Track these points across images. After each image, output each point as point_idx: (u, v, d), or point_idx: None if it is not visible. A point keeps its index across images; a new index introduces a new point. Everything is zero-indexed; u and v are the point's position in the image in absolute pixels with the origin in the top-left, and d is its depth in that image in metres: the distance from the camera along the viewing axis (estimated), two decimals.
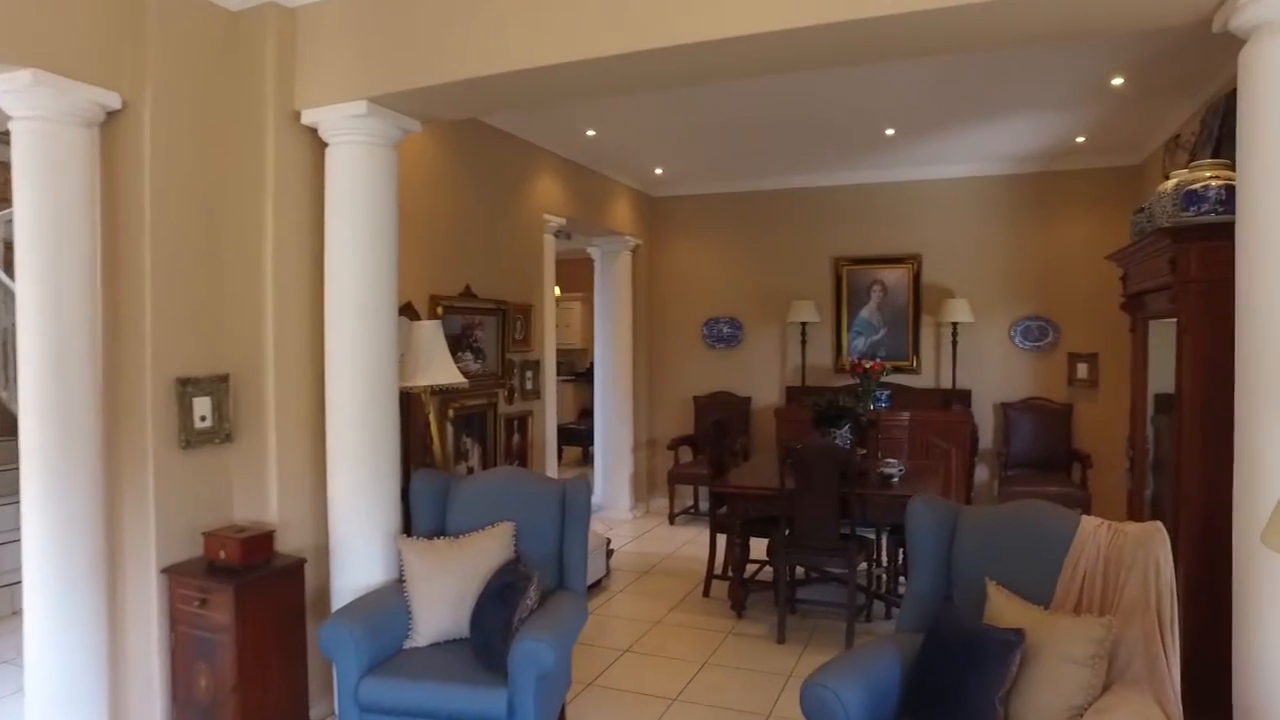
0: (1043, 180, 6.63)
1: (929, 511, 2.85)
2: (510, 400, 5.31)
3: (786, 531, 4.55)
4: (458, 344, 4.79)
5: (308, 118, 3.31)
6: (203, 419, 3.10)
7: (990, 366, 6.80)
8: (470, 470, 4.91)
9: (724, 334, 7.56)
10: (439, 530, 3.42)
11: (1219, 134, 3.84)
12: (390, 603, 3.13)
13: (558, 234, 6.38)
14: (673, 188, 7.62)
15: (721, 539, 5.09)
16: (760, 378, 7.46)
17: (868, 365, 6.63)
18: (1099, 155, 6.40)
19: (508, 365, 5.28)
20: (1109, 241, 6.57)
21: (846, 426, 4.86)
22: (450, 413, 4.67)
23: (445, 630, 3.11)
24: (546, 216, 5.86)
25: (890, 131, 5.69)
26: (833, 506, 4.30)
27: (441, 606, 3.10)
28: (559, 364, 14.14)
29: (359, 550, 3.35)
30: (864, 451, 4.98)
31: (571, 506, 3.40)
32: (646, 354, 7.67)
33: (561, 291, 11.99)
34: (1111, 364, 6.48)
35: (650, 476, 7.71)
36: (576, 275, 10.44)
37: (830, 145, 6.13)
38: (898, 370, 6.92)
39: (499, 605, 2.96)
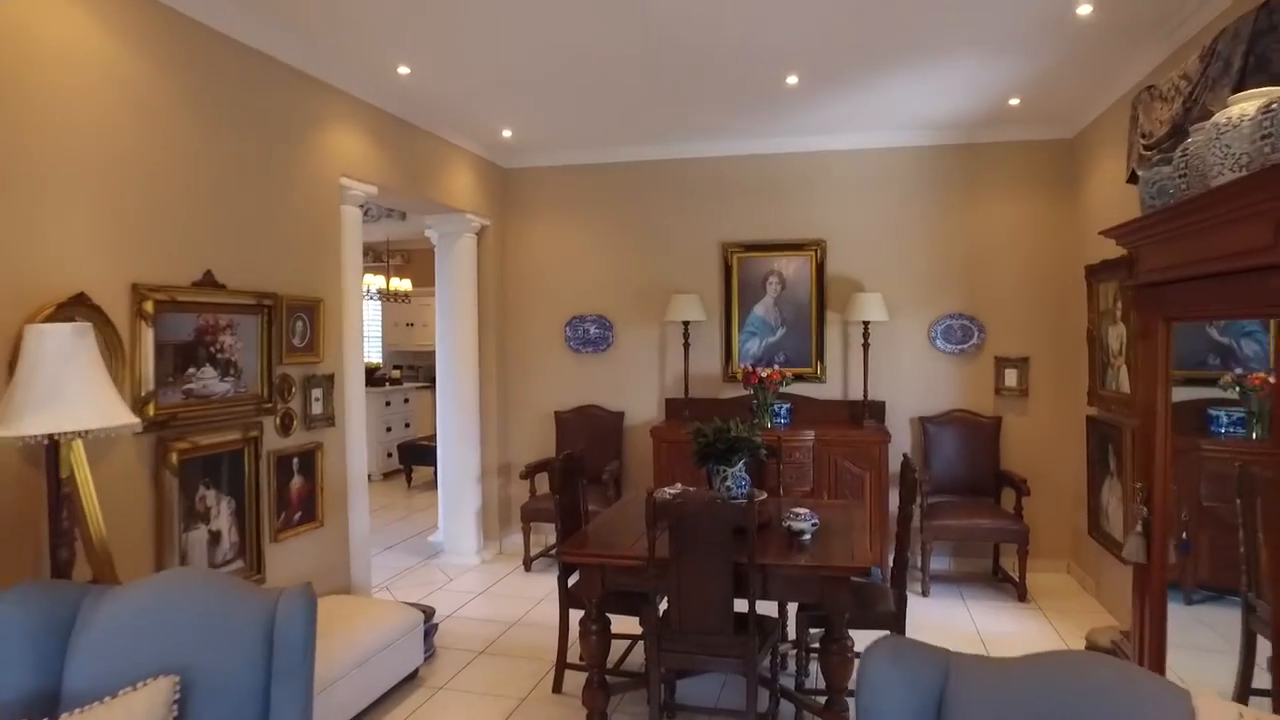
0: (965, 154, 5.62)
1: (898, 680, 1.58)
2: (286, 430, 3.80)
3: (660, 613, 3.27)
4: (189, 356, 3.26)
5: None
6: None
7: (907, 374, 5.76)
8: (215, 539, 3.38)
9: (591, 336, 6.23)
10: (48, 696, 1.94)
11: (1244, 63, 2.80)
12: None
13: (367, 209, 4.90)
14: (527, 156, 6.22)
15: (578, 615, 3.76)
16: (635, 388, 6.18)
17: (764, 374, 5.45)
18: (1029, 125, 5.43)
19: (280, 383, 3.77)
20: (1036, 227, 5.64)
21: (741, 464, 3.62)
22: (174, 457, 3.14)
23: None
24: (346, 182, 4.36)
25: (792, 79, 4.50)
26: (724, 583, 3.04)
27: None
28: (414, 369, 12.58)
29: None
30: (763, 496, 3.75)
31: (284, 640, 1.98)
32: (498, 360, 6.25)
33: (415, 285, 10.41)
34: (1043, 370, 5.55)
35: (504, 509, 6.29)
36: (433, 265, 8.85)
37: (718, 98, 4.89)
38: (799, 379, 5.78)
39: None
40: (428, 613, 4.16)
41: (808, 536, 3.42)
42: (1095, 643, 3.79)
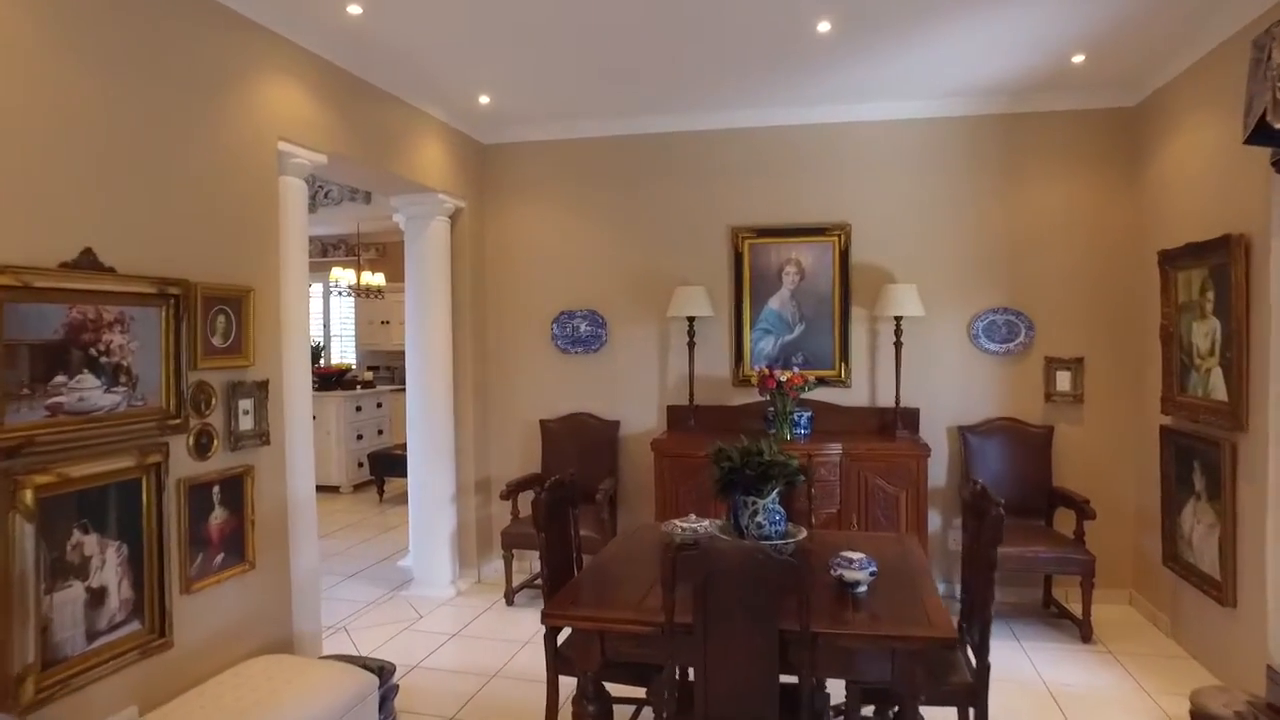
0: (1011, 125, 4.90)
1: None
2: (203, 453, 3.03)
3: (678, 692, 2.53)
4: (56, 360, 2.48)
5: None
6: None
7: (944, 377, 5.03)
8: (98, 597, 2.60)
9: (582, 334, 5.47)
10: None
11: None
12: None
13: (325, 189, 4.13)
14: (508, 129, 5.45)
15: (570, 682, 3.01)
16: (632, 394, 5.43)
17: (782, 377, 4.71)
18: (1086, 91, 4.71)
19: (194, 393, 2.99)
20: (1092, 208, 4.92)
21: (775, 493, 2.88)
22: (29, 496, 2.36)
23: None
24: (286, 147, 3.58)
25: (824, 25, 3.75)
26: (767, 660, 2.30)
27: None
28: (389, 370, 11.74)
29: None
30: (802, 533, 2.99)
31: None
32: (474, 362, 5.47)
33: (390, 280, 9.62)
34: (1101, 372, 4.84)
35: (482, 532, 5.52)
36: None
37: (734, 53, 4.14)
38: (821, 383, 5.04)
39: None
40: (386, 671, 3.39)
41: (863, 589, 2.68)
42: (1207, 710, 3.07)
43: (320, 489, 8.59)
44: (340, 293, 10.72)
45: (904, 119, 4.98)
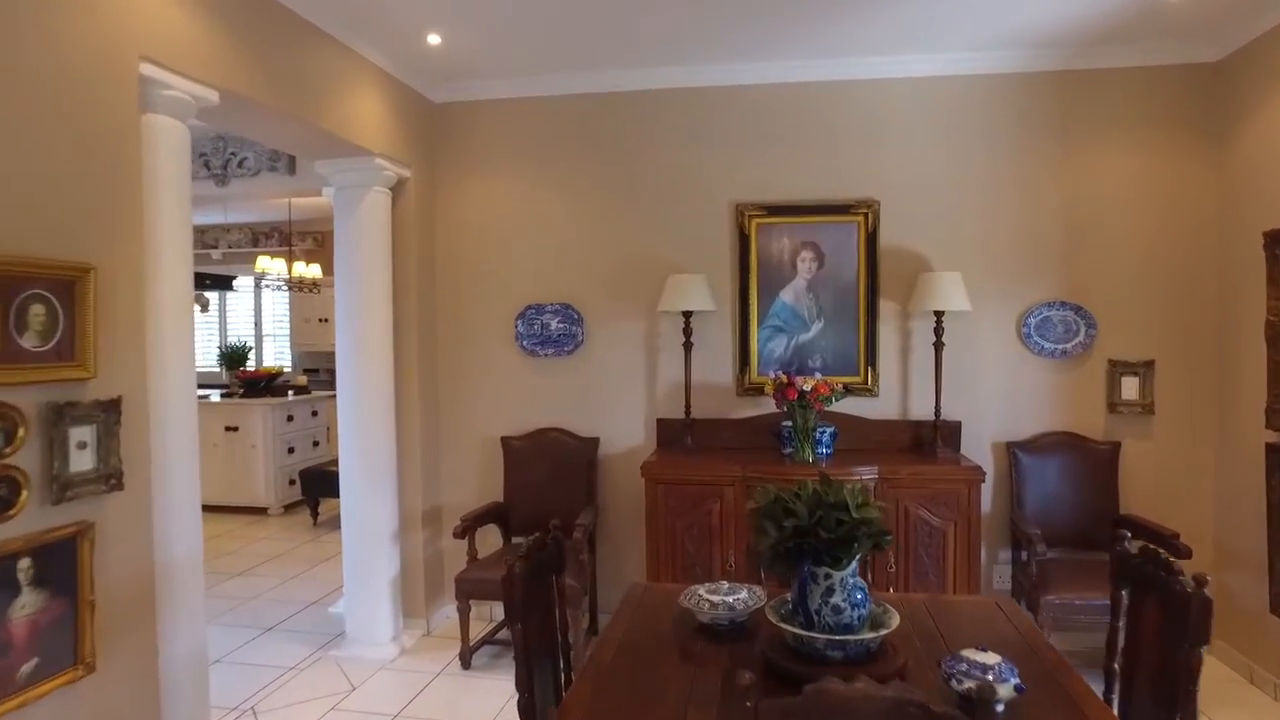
0: (1068, 84, 4.10)
1: None
2: (8, 505, 2.02)
3: None
4: None
5: None
6: None
7: (989, 383, 4.22)
8: None
9: (552, 333, 4.53)
10: None
11: None
12: None
13: (242, 157, 3.18)
14: (465, 85, 4.48)
15: None
16: (615, 405, 4.51)
17: (805, 385, 3.84)
18: (1158, 43, 3.93)
19: None
20: (1168, 183, 4.08)
21: (854, 562, 1.99)
22: None
23: None
24: (152, 71, 2.59)
25: None
26: None
27: None
28: (327, 374, 10.38)
29: None
30: (894, 621, 2.09)
31: None
32: (422, 366, 4.49)
33: (326, 272, 8.53)
34: (1176, 377, 4.07)
35: (432, 573, 4.55)
36: None
37: None
38: (846, 391, 4.17)
39: None
40: None
41: (1001, 708, 1.80)
42: None
43: (243, 511, 7.54)
44: (274, 287, 9.61)
45: (943, 75, 4.15)
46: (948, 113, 4.17)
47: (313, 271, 8.32)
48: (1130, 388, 4.10)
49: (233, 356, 9.02)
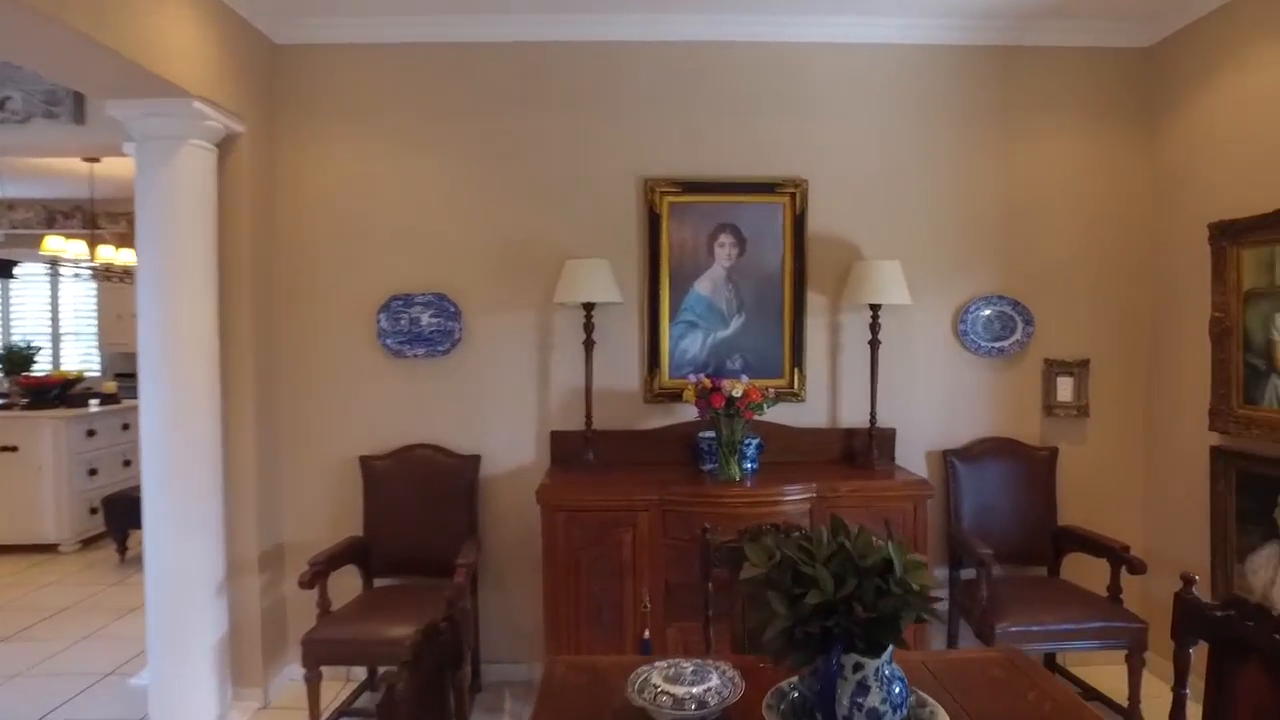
0: (1009, 60, 3.76)
1: None
2: None
3: None
4: None
5: None
6: None
7: (924, 386, 3.82)
8: None
9: (424, 329, 3.75)
10: None
11: None
12: None
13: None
14: (316, 24, 3.62)
15: None
16: (500, 416, 3.78)
17: (734, 391, 3.28)
18: (1099, 24, 3.67)
19: None
20: (1103, 173, 3.87)
21: (889, 654, 1.42)
22: None
23: None
24: None
25: None
26: None
27: None
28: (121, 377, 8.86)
29: None
30: None
31: None
32: (258, 369, 3.58)
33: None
34: (1111, 377, 3.82)
35: (273, 629, 3.65)
36: None
37: None
38: (775, 396, 3.65)
39: None
40: None
41: None
42: None
43: (24, 550, 6.11)
44: (77, 275, 8.16)
45: (879, 43, 3.71)
46: (883, 85, 3.74)
47: (125, 258, 7.02)
48: (1065, 389, 3.81)
49: (12, 359, 7.51)
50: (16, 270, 7.73)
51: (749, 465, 3.46)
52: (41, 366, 8.01)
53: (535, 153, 3.71)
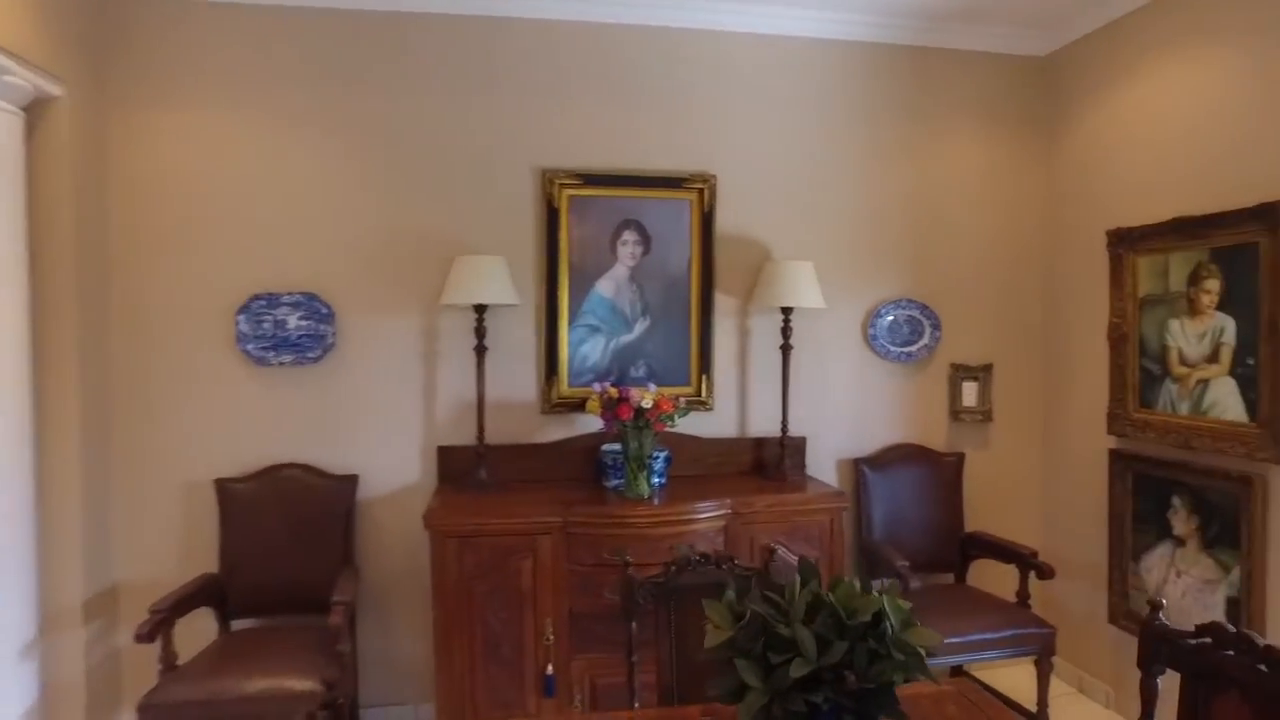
0: (918, 60, 3.70)
1: None
2: None
3: None
4: None
5: None
6: None
7: (834, 392, 3.70)
8: None
9: (291, 333, 3.29)
10: None
11: None
12: None
13: None
14: None
15: None
16: (380, 430, 3.37)
17: (644, 401, 3.03)
18: (1001, 30, 3.66)
19: None
20: (1004, 178, 3.85)
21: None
22: None
23: None
24: None
25: None
26: None
27: None
28: None
29: None
30: None
31: None
32: (86, 378, 3.01)
33: None
34: (1014, 382, 3.83)
35: (103, 690, 3.09)
36: None
37: None
38: (686, 406, 3.42)
39: None
40: None
41: None
42: None
43: None
44: None
45: (793, 35, 3.56)
46: (795, 80, 3.59)
47: None
48: (971, 394, 3.79)
49: None
50: None
51: (657, 480, 3.22)
52: None
53: (422, 137, 3.33)
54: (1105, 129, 3.44)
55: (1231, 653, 1.51)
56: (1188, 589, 3.08)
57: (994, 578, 3.55)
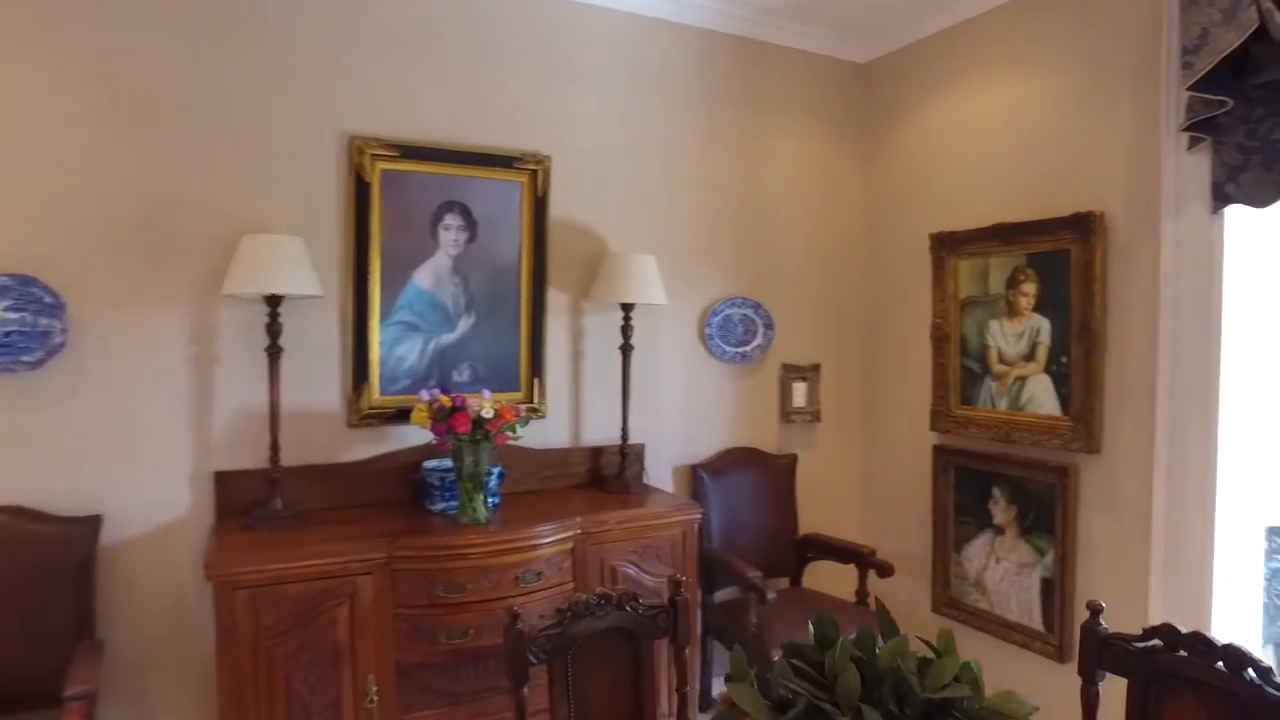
0: (750, 54, 3.60)
1: None
2: None
3: None
4: None
5: None
6: None
7: (670, 395, 3.50)
8: None
9: (9, 334, 2.47)
10: None
11: None
12: None
13: None
14: None
15: None
16: (133, 454, 2.62)
17: (484, 411, 2.62)
18: (826, 31, 3.67)
19: None
20: (829, 180, 3.89)
21: None
22: None
23: None
24: None
25: None
26: None
27: None
28: None
29: None
30: None
31: None
32: None
33: None
34: (841, 382, 3.88)
35: None
36: None
37: None
38: (527, 415, 3.02)
39: None
40: None
41: None
42: None
43: None
44: None
45: (630, 12, 3.29)
46: (632, 58, 3.33)
47: None
48: (800, 394, 3.76)
49: None
50: None
51: (493, 501, 2.82)
52: None
53: (195, 85, 2.64)
54: (926, 136, 3.55)
55: (1185, 654, 1.46)
56: (1005, 573, 3.24)
57: (830, 579, 3.55)
